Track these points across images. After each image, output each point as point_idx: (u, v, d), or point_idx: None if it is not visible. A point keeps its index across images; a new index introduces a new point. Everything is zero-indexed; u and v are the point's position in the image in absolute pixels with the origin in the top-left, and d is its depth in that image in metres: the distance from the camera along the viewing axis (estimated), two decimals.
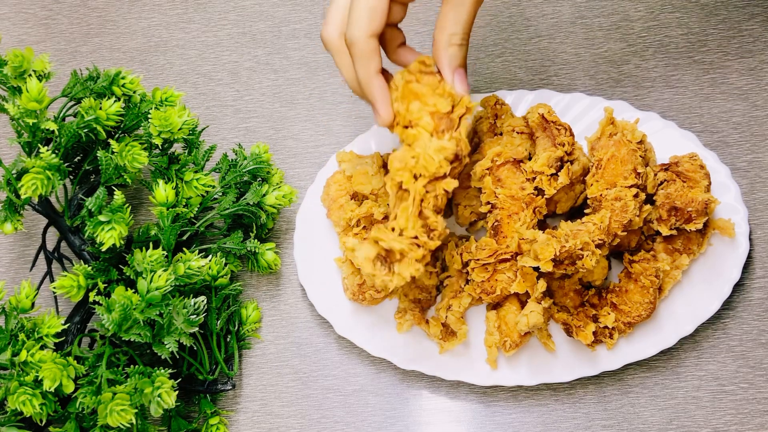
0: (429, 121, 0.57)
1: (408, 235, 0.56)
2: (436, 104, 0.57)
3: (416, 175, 0.57)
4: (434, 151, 0.56)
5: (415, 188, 0.57)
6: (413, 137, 0.57)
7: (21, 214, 0.67)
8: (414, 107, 0.57)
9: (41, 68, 0.67)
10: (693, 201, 0.65)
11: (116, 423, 0.60)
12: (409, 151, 0.57)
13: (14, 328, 0.62)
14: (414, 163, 0.57)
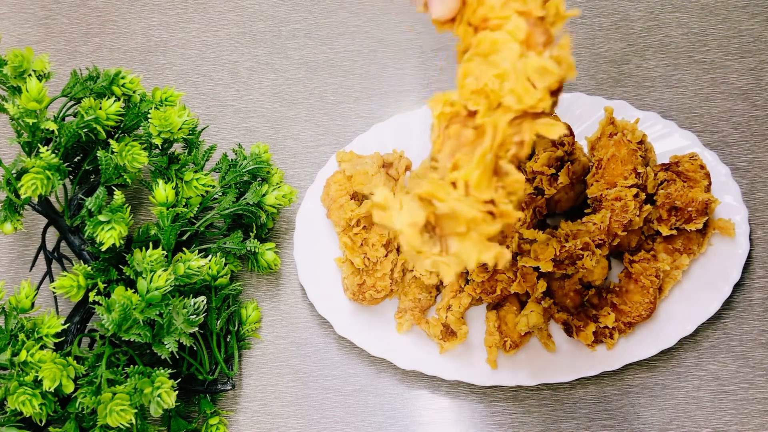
0: (520, 23, 0.40)
1: (479, 198, 0.40)
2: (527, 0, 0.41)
3: (499, 105, 0.40)
4: (535, 72, 0.40)
5: (497, 125, 0.40)
6: (493, 45, 0.40)
7: (21, 214, 0.67)
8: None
9: (41, 68, 0.67)
10: (693, 201, 0.65)
11: (116, 423, 0.59)
12: (486, 66, 0.40)
13: (14, 328, 0.62)
14: (498, 85, 0.40)
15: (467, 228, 0.40)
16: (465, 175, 0.40)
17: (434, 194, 0.40)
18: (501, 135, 0.40)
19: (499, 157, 0.40)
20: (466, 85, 0.40)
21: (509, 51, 0.40)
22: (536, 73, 0.40)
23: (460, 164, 0.40)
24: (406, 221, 0.40)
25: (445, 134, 0.41)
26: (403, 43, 0.84)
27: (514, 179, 0.40)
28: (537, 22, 0.41)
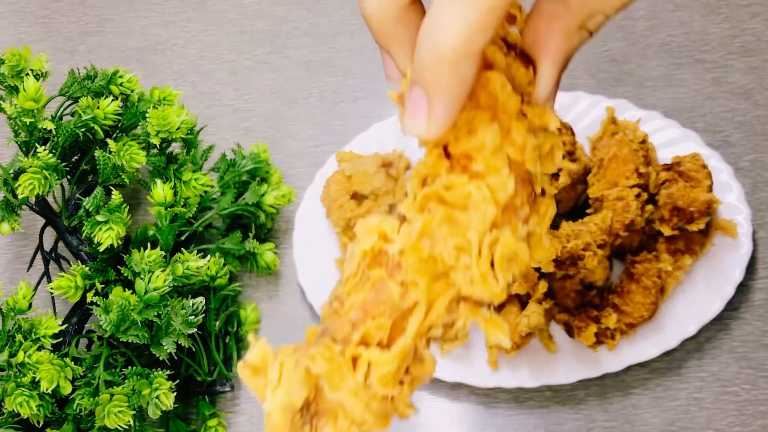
0: (508, 183, 0.32)
1: (378, 393, 0.32)
2: (523, 141, 0.32)
3: (445, 275, 0.32)
4: (503, 258, 0.32)
5: (434, 305, 0.33)
6: (464, 200, 0.32)
7: (18, 214, 0.67)
8: (482, 130, 0.32)
9: (38, 67, 0.67)
10: (695, 201, 0.65)
11: (114, 425, 0.59)
12: (448, 227, 0.32)
13: (11, 329, 0.62)
14: (454, 258, 0.32)
15: (349, 421, 0.33)
16: (374, 362, 0.32)
17: (328, 377, 0.32)
18: (434, 317, 0.32)
19: (418, 340, 0.33)
20: (420, 247, 0.32)
21: (481, 217, 0.31)
22: (504, 259, 0.32)
23: (369, 337, 0.32)
24: (279, 404, 0.32)
25: (365, 276, 0.33)
26: None
27: (427, 369, 0.34)
28: (525, 181, 0.33)
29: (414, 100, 0.30)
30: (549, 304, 0.65)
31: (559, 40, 0.33)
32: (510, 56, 0.33)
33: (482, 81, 0.32)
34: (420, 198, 0.32)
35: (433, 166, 0.32)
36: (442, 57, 0.28)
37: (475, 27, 0.28)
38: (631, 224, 0.64)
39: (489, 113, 0.32)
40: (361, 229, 0.33)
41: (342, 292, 0.33)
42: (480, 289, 0.32)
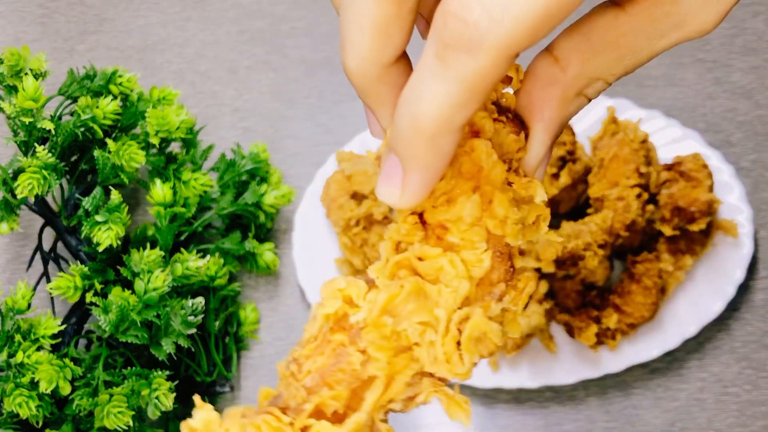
0: (485, 259, 0.31)
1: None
2: (505, 214, 0.31)
3: (407, 350, 0.31)
4: (471, 338, 0.30)
5: (394, 380, 0.31)
6: (436, 273, 0.31)
7: (17, 214, 0.66)
8: (461, 201, 0.30)
9: (37, 67, 0.67)
10: (696, 201, 0.64)
11: (113, 425, 0.59)
12: (416, 301, 0.31)
13: (10, 329, 0.61)
14: (418, 335, 0.30)
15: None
16: None
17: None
18: (394, 392, 0.31)
19: (375, 414, 0.31)
20: (382, 324, 0.30)
21: (452, 293, 0.30)
22: (472, 339, 0.30)
23: (324, 407, 0.31)
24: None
25: (325, 340, 0.32)
26: None
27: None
28: (504, 255, 0.32)
29: (389, 167, 0.29)
30: (549, 304, 0.65)
31: (554, 106, 0.30)
32: (500, 120, 0.31)
33: (467, 148, 0.30)
34: (391, 264, 0.31)
35: (406, 234, 0.31)
36: (420, 129, 0.27)
37: (457, 102, 0.26)
38: (632, 224, 0.64)
39: (471, 183, 0.31)
40: (326, 291, 0.32)
41: (301, 355, 0.32)
42: (444, 368, 0.30)
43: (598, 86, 0.30)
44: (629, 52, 0.29)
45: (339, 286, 0.31)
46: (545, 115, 0.30)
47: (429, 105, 0.26)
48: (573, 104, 0.30)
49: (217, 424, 0.30)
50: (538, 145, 0.31)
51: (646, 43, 0.28)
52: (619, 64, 0.29)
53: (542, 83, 0.30)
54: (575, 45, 0.29)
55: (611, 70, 0.29)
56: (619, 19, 0.28)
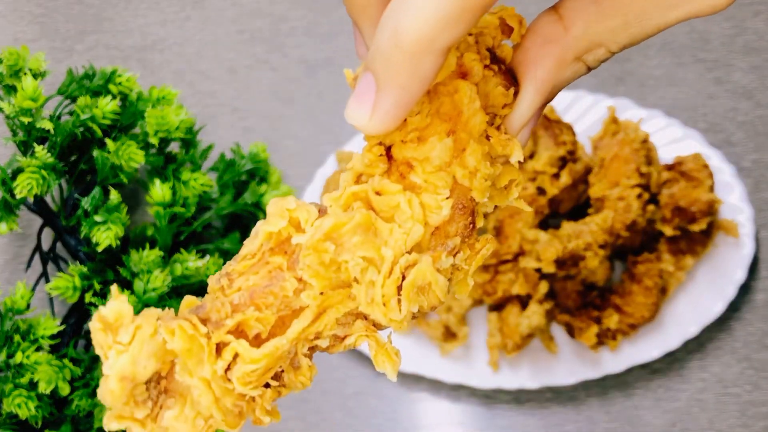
0: (445, 206, 0.29)
1: (236, 391, 0.29)
2: (476, 165, 0.30)
3: (344, 287, 0.30)
4: (413, 285, 0.29)
5: (326, 314, 0.30)
6: (391, 211, 0.30)
7: (16, 214, 0.66)
8: (433, 141, 0.29)
9: (36, 67, 0.66)
10: (697, 201, 0.64)
11: None
12: (364, 236, 0.29)
13: (9, 329, 0.61)
14: (359, 271, 0.29)
15: (195, 412, 0.29)
16: (241, 356, 0.29)
17: (182, 357, 0.28)
18: (323, 326, 0.30)
19: (298, 345, 0.30)
20: (323, 249, 0.29)
21: (403, 235, 0.29)
22: (414, 286, 0.29)
23: (246, 327, 0.29)
24: (119, 370, 0.28)
25: (263, 260, 0.30)
26: None
27: (301, 378, 0.30)
28: (467, 210, 0.30)
29: (362, 86, 0.27)
30: (550, 304, 0.65)
31: (549, 66, 0.29)
32: (491, 70, 0.30)
33: (450, 88, 0.29)
34: (347, 194, 0.30)
35: (369, 165, 0.30)
36: (401, 45, 0.25)
37: (444, 19, 0.24)
38: (633, 224, 0.64)
39: (447, 125, 0.29)
40: (274, 208, 0.30)
41: (234, 270, 0.30)
42: (379, 311, 0.29)
43: (600, 54, 0.29)
44: (637, 20, 0.27)
45: (288, 206, 0.30)
46: (539, 74, 0.29)
47: (414, 19, 0.24)
48: (570, 68, 0.29)
49: (129, 318, 0.28)
50: (526, 104, 0.30)
51: (656, 12, 0.27)
52: (625, 32, 0.28)
53: (542, 40, 0.29)
54: (582, 5, 0.28)
55: (616, 37, 0.28)
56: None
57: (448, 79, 0.29)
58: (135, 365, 0.28)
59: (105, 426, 0.28)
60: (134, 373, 0.28)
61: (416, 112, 0.29)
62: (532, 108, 0.30)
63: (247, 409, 0.29)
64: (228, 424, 0.29)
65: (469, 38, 0.29)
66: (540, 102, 0.30)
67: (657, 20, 0.27)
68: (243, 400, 0.29)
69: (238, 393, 0.29)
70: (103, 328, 0.28)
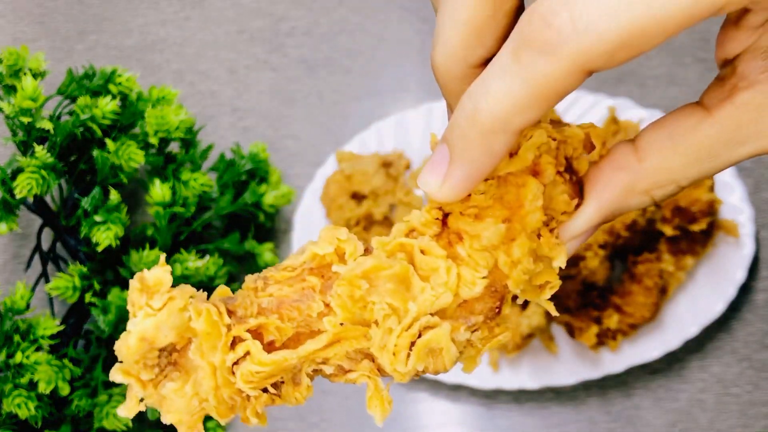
0: (480, 284, 0.31)
1: (239, 381, 0.30)
2: (520, 258, 0.31)
3: (362, 325, 0.31)
4: (426, 347, 0.31)
5: (341, 347, 0.31)
6: (429, 270, 0.31)
7: (16, 214, 0.66)
8: (488, 222, 0.31)
9: (36, 66, 0.66)
10: (697, 201, 0.64)
11: (112, 426, 0.59)
12: (398, 286, 0.31)
13: (9, 329, 0.61)
14: (382, 316, 0.31)
15: (194, 391, 0.31)
16: (252, 355, 0.30)
17: (201, 339, 0.30)
18: (332, 354, 0.31)
19: (305, 364, 0.32)
20: (357, 284, 0.30)
21: (432, 297, 0.30)
22: (426, 347, 0.31)
23: (265, 331, 0.31)
24: (141, 331, 0.30)
25: (301, 276, 0.32)
26: (403, 41, 0.83)
27: (296, 395, 0.32)
28: (497, 295, 0.31)
29: (437, 156, 0.29)
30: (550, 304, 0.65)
31: (617, 191, 0.30)
32: (563, 177, 0.31)
33: (520, 181, 0.31)
34: (395, 243, 0.32)
35: (424, 224, 0.32)
36: (476, 122, 0.27)
37: (519, 102, 0.26)
38: (633, 224, 0.64)
39: (506, 213, 0.31)
40: (326, 234, 0.32)
41: (272, 276, 0.32)
42: (387, 359, 0.31)
43: (669, 189, 0.30)
44: (708, 157, 0.29)
45: (339, 236, 0.32)
46: (605, 195, 0.31)
47: (491, 99, 0.26)
48: (635, 199, 0.30)
49: (166, 287, 0.30)
50: (585, 219, 0.31)
51: (725, 149, 0.28)
52: (695, 167, 0.29)
53: (615, 165, 0.30)
54: (657, 140, 0.29)
55: (686, 173, 0.29)
56: (704, 122, 0.28)
57: (520, 173, 0.31)
58: (157, 331, 0.30)
59: (110, 376, 0.30)
60: (154, 338, 0.30)
61: (481, 192, 0.31)
62: (589, 223, 0.31)
63: (239, 405, 0.31)
64: (219, 412, 0.31)
65: (552, 143, 0.31)
66: (598, 220, 0.31)
67: (726, 157, 0.29)
68: (239, 395, 0.31)
69: (237, 388, 0.31)
70: (141, 289, 0.30)
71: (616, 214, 0.31)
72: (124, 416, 0.31)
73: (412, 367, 0.31)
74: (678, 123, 0.29)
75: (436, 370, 0.32)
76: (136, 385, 0.30)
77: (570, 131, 0.32)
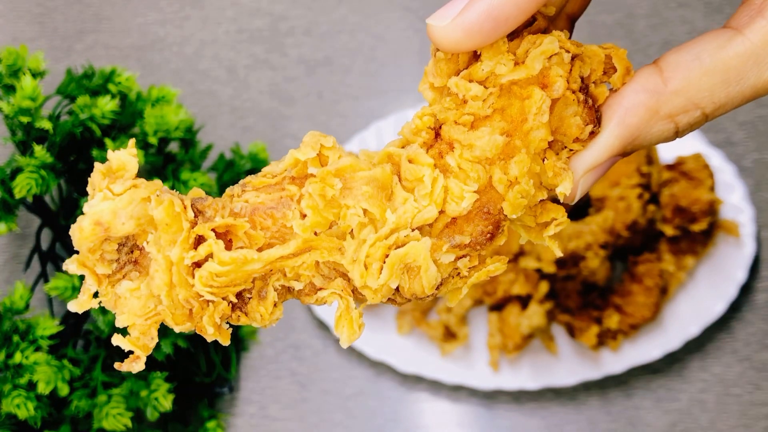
0: (468, 198, 0.28)
1: (198, 284, 0.28)
2: (517, 176, 0.28)
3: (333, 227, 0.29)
4: (401, 260, 0.28)
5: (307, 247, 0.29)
6: (413, 177, 0.29)
7: (15, 214, 0.66)
8: (483, 131, 0.28)
9: (35, 66, 0.66)
10: (698, 201, 0.64)
11: (112, 426, 0.59)
12: (377, 184, 0.28)
13: (8, 329, 0.61)
14: (357, 223, 0.28)
15: (148, 292, 0.28)
16: (214, 255, 0.28)
17: (159, 230, 0.28)
18: (300, 263, 0.29)
19: (273, 276, 0.29)
20: (330, 182, 0.28)
21: (413, 210, 0.28)
22: (401, 262, 0.28)
23: (232, 236, 0.29)
24: (97, 214, 0.27)
25: (279, 185, 0.30)
26: (402, 41, 0.83)
27: (261, 310, 0.29)
28: (491, 217, 0.29)
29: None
30: (550, 304, 0.65)
31: (639, 115, 0.28)
32: (576, 97, 0.28)
33: (524, 92, 0.28)
34: (381, 153, 0.29)
35: (414, 131, 0.29)
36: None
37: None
38: (633, 224, 0.64)
39: (507, 126, 0.28)
40: (309, 138, 0.30)
41: (249, 182, 0.30)
42: (358, 272, 0.28)
43: (694, 117, 0.28)
44: (736, 78, 0.28)
45: (324, 143, 0.29)
46: (626, 119, 0.28)
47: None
48: (658, 125, 0.28)
49: (131, 174, 0.28)
50: (603, 147, 0.29)
51: (754, 70, 0.27)
52: (723, 90, 0.28)
53: (638, 87, 0.28)
54: (684, 61, 0.28)
55: (713, 96, 0.28)
56: (734, 40, 0.27)
57: (526, 83, 0.28)
58: (114, 217, 0.27)
59: (64, 265, 0.28)
60: (110, 224, 0.27)
61: (481, 98, 0.28)
62: (608, 152, 0.29)
63: (196, 312, 0.28)
64: (174, 318, 0.28)
65: (566, 55, 0.28)
66: (617, 149, 0.29)
67: (754, 80, 0.27)
68: (197, 300, 0.28)
69: (196, 291, 0.28)
70: (105, 172, 0.28)
71: (636, 146, 0.29)
72: (75, 310, 0.28)
73: (385, 282, 0.28)
74: (705, 44, 0.28)
75: (412, 293, 0.28)
76: (91, 278, 0.28)
77: (589, 49, 0.29)
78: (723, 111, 0.28)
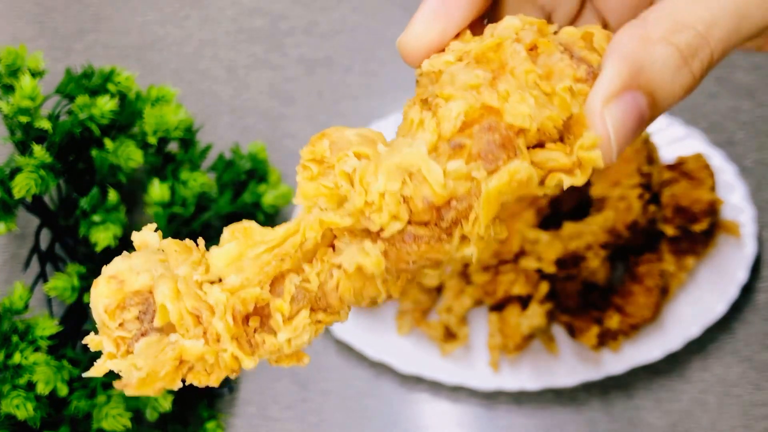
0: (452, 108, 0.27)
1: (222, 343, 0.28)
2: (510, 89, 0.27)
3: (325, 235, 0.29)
4: None
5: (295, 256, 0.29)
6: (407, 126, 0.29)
7: (14, 214, 0.66)
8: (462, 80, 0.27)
9: (35, 66, 0.66)
10: (698, 201, 0.64)
11: (111, 427, 0.59)
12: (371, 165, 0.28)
13: (8, 330, 0.61)
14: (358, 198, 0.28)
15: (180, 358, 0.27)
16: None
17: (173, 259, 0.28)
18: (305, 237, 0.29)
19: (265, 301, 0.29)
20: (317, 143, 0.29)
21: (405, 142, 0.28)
22: (396, 168, 0.28)
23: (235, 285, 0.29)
24: (115, 267, 0.28)
25: None
26: None
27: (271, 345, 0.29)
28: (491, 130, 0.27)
29: None
30: (551, 305, 0.65)
31: (632, 44, 0.27)
32: (557, 47, 0.28)
33: (498, 53, 0.27)
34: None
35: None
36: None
37: None
38: (634, 224, 0.64)
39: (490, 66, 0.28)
40: None
41: None
42: (357, 195, 0.27)
43: (690, 35, 0.27)
44: None
45: None
46: (620, 50, 0.27)
47: None
48: (656, 46, 0.27)
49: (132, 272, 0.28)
50: (610, 76, 0.27)
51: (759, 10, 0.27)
52: (703, 4, 0.27)
53: (624, 27, 0.28)
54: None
55: (699, 14, 0.27)
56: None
57: (497, 47, 0.28)
58: (130, 271, 0.28)
59: (85, 340, 0.28)
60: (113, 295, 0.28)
61: (456, 61, 0.28)
62: (616, 80, 0.27)
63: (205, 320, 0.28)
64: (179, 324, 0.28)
65: (532, 28, 0.28)
66: (626, 76, 0.27)
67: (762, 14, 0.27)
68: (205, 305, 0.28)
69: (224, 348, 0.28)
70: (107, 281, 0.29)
71: (646, 75, 0.27)
72: (90, 375, 0.27)
73: (384, 186, 0.27)
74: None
75: (424, 199, 0.27)
76: (108, 343, 0.27)
77: (564, 31, 0.29)
78: (720, 32, 0.27)
